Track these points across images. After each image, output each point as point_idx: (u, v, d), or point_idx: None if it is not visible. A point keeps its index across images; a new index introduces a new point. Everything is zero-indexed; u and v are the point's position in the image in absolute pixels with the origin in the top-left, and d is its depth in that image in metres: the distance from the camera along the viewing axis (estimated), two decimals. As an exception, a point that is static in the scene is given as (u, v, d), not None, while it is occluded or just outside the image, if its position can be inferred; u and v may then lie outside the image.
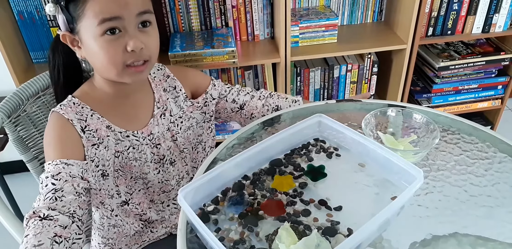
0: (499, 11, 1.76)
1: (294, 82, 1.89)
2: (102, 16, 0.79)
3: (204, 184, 0.80)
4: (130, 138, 0.96)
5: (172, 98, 1.05)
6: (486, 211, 0.81)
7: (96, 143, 0.91)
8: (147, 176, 1.01)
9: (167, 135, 1.02)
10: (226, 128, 1.83)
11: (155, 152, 1.01)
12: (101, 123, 0.92)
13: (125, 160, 0.96)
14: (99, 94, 0.94)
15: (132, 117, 0.98)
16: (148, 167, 1.00)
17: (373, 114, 0.96)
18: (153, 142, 1.00)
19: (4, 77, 1.62)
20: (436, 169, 0.91)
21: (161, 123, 1.01)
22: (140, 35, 0.84)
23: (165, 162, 1.03)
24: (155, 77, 1.04)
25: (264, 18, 1.80)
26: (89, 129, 0.90)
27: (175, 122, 1.04)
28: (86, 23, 0.81)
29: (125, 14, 0.81)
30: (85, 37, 0.83)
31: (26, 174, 1.14)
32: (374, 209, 0.78)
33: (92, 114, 0.92)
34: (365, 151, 0.89)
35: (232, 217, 0.78)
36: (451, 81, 1.90)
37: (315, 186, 0.85)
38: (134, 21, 0.83)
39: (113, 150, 0.94)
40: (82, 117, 0.90)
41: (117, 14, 0.80)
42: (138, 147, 0.97)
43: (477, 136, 1.00)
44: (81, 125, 0.89)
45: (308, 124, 0.95)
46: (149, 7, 0.85)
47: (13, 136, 1.06)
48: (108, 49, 0.82)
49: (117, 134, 0.94)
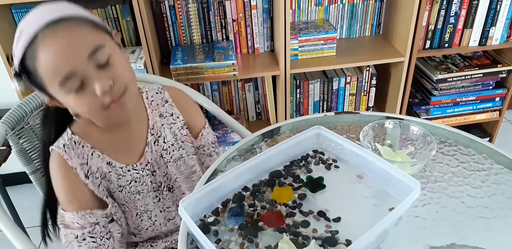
0: (496, 24, 1.79)
1: (293, 95, 1.91)
2: (56, 78, 0.76)
3: (204, 195, 0.81)
4: (131, 172, 0.96)
5: (168, 124, 1.01)
6: (483, 222, 0.82)
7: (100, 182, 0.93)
8: (148, 207, 1.00)
9: (160, 161, 1.01)
10: (227, 140, 1.84)
11: (152, 179, 1.00)
12: (102, 161, 0.92)
13: (128, 194, 0.97)
14: (95, 128, 0.91)
15: (128, 149, 0.96)
16: (149, 196, 1.00)
17: (371, 126, 0.98)
18: (149, 169, 0.99)
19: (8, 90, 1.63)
20: (434, 181, 0.92)
21: (155, 150, 0.99)
22: (103, 73, 0.78)
23: (163, 188, 1.02)
24: (153, 102, 1.00)
25: (264, 31, 1.83)
26: (91, 171, 0.91)
27: (168, 149, 1.01)
28: (50, 88, 0.79)
29: (76, 64, 0.75)
30: (59, 98, 0.81)
31: (28, 185, 1.15)
32: (372, 220, 0.79)
33: (93, 153, 0.91)
34: (363, 162, 0.90)
35: (232, 228, 0.79)
36: (449, 94, 1.92)
37: (314, 197, 0.86)
38: (89, 65, 0.77)
39: (116, 184, 0.95)
40: (84, 161, 0.90)
41: (69, 69, 0.75)
42: (140, 179, 0.98)
43: (474, 147, 1.01)
44: (84, 171, 0.89)
45: (307, 136, 0.96)
46: (96, 43, 0.78)
47: (16, 148, 1.08)
48: (81, 103, 0.79)
49: (118, 170, 0.95)
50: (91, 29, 0.79)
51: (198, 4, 1.73)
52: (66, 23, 0.76)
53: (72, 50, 0.75)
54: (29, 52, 0.75)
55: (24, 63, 0.77)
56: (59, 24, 0.75)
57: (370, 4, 1.88)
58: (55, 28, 0.75)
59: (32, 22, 0.75)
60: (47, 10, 0.77)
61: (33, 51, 0.74)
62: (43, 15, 0.75)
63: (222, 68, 1.66)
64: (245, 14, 1.77)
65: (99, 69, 0.78)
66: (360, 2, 1.87)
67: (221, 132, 1.85)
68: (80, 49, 0.76)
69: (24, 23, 0.77)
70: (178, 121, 1.03)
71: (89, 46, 0.76)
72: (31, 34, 0.74)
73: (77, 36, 0.76)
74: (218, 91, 1.94)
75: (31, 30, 0.74)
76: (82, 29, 0.77)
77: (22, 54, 0.75)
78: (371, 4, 1.88)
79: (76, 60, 0.75)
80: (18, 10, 1.60)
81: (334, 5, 1.87)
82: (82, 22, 0.78)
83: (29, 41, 0.74)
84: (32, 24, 0.75)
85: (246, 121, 1.98)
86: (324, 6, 1.87)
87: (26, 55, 0.75)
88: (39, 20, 0.75)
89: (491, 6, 1.75)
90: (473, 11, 1.75)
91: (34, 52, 0.74)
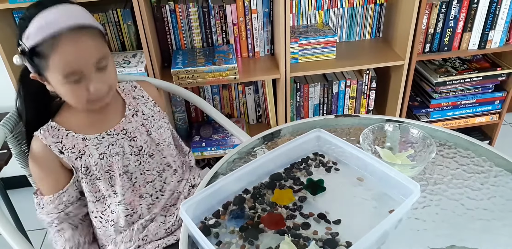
0: (495, 27, 1.79)
1: (294, 98, 1.91)
2: (64, 71, 0.91)
3: (205, 197, 0.82)
4: (106, 138, 1.07)
5: (142, 103, 1.16)
6: (483, 224, 0.83)
7: (78, 156, 1.04)
8: (128, 169, 1.09)
9: (142, 129, 1.12)
10: (227, 143, 1.84)
11: (133, 144, 1.10)
12: (76, 139, 1.05)
13: (109, 157, 1.07)
14: (76, 115, 1.06)
15: (103, 120, 1.09)
16: (128, 159, 1.09)
17: (371, 129, 0.98)
18: (129, 136, 1.10)
19: (8, 94, 1.64)
20: (433, 183, 0.93)
21: (134, 120, 1.12)
22: (99, 76, 0.95)
23: (144, 153, 1.12)
24: (124, 89, 1.16)
25: (264, 35, 1.83)
26: (66, 147, 1.03)
27: (148, 119, 1.14)
28: (51, 74, 0.92)
29: (83, 67, 0.92)
30: (53, 82, 0.95)
31: (29, 189, 1.16)
32: (372, 223, 0.79)
33: (67, 134, 1.04)
34: (363, 165, 0.91)
35: (233, 230, 0.80)
36: (449, 97, 1.93)
37: (314, 200, 0.87)
38: (92, 68, 0.93)
39: (96, 154, 1.05)
40: (58, 140, 1.03)
41: (77, 69, 0.91)
42: (116, 142, 1.08)
43: (473, 150, 1.02)
44: (58, 147, 1.02)
45: (308, 139, 0.97)
46: (103, 52, 0.95)
47: (15, 150, 1.09)
48: (73, 93, 0.96)
49: (94, 140, 1.06)
50: (102, 41, 0.97)
51: (199, 8, 1.74)
52: (88, 31, 0.93)
53: (87, 55, 0.92)
54: (48, 42, 0.88)
55: (37, 47, 0.89)
56: (83, 31, 0.92)
57: (369, 8, 1.89)
58: (80, 33, 0.91)
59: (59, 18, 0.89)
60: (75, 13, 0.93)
61: (54, 43, 0.88)
62: (71, 17, 0.91)
63: (222, 71, 1.67)
64: (246, 18, 1.78)
65: (97, 71, 0.95)
66: (360, 6, 1.88)
67: (221, 135, 1.86)
68: (92, 56, 0.93)
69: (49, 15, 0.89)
70: (150, 101, 1.18)
71: (98, 55, 0.94)
72: (56, 29, 0.88)
73: (93, 45, 0.94)
74: (219, 94, 1.94)
75: (57, 26, 0.88)
76: (97, 40, 0.95)
77: (40, 41, 0.88)
78: (371, 8, 1.89)
79: (86, 64, 0.93)
80: (20, 15, 1.61)
81: (334, 9, 1.88)
82: (99, 34, 0.96)
83: (53, 35, 0.88)
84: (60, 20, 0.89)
85: (247, 125, 1.98)
86: (324, 10, 1.88)
87: (43, 43, 0.88)
88: (68, 19, 0.90)
89: (490, 9, 1.75)
90: (472, 15, 1.76)
91: (54, 44, 0.88)
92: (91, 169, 1.05)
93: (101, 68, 0.95)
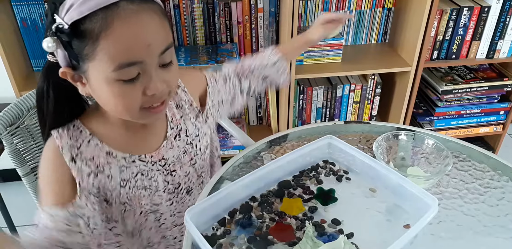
0: (504, 37, 1.77)
1: (296, 100, 1.87)
2: (119, 61, 0.66)
3: (211, 205, 0.77)
4: (137, 163, 0.83)
5: (187, 115, 0.91)
6: (501, 242, 0.79)
7: (93, 171, 0.79)
8: (158, 208, 0.88)
9: (184, 159, 0.90)
10: (227, 144, 1.80)
11: (170, 180, 0.88)
12: (100, 150, 0.80)
13: (133, 189, 0.83)
14: (107, 123, 0.81)
15: (140, 140, 0.85)
16: (160, 197, 0.88)
17: (384, 137, 0.94)
18: (167, 169, 0.87)
19: (4, 84, 1.58)
20: (448, 197, 0.89)
21: (176, 146, 0.89)
22: (161, 73, 0.71)
23: (180, 191, 0.91)
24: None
25: (269, 35, 1.79)
26: (81, 156, 0.78)
27: (193, 142, 0.91)
28: (97, 65, 0.67)
29: (146, 57, 0.68)
30: (95, 79, 0.70)
31: (20, 183, 1.10)
32: (386, 237, 0.75)
33: (90, 140, 0.79)
34: (376, 175, 0.87)
35: (240, 241, 0.75)
36: (454, 105, 1.90)
37: (325, 211, 0.82)
38: (155, 62, 0.70)
39: (118, 178, 0.81)
40: (75, 143, 0.78)
41: (137, 59, 0.67)
42: (148, 173, 0.85)
43: (487, 163, 0.98)
44: (72, 152, 0.77)
45: (318, 145, 0.92)
46: (170, 41, 0.72)
47: (10, 148, 1.03)
48: (124, 95, 0.70)
49: (120, 160, 0.82)
50: (168, 25, 0.72)
51: (203, 4, 1.69)
52: (152, 6, 0.68)
53: (152, 40, 0.67)
54: (99, 17, 0.64)
55: (82, 23, 0.64)
56: (146, 4, 0.67)
57: (377, 12, 1.85)
58: (142, 6, 0.66)
59: None
60: None
61: (107, 19, 0.63)
62: None
63: (225, 70, 1.62)
64: (251, 17, 1.74)
65: (159, 68, 0.71)
66: (368, 9, 1.84)
67: (221, 136, 1.81)
68: (158, 43, 0.69)
69: None
70: (194, 108, 0.93)
71: (165, 42, 0.70)
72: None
73: (161, 26, 0.69)
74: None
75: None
76: (163, 20, 0.70)
77: (85, 14, 0.64)
78: (379, 11, 1.85)
79: (151, 53, 0.68)
80: (18, 3, 1.55)
81: (341, 11, 1.84)
82: (163, 12, 0.71)
83: (106, 5, 0.64)
84: None
85: (247, 126, 1.94)
86: (331, 12, 1.84)
87: (92, 18, 0.64)
88: None
89: (500, 19, 1.72)
90: (482, 23, 1.73)
91: (108, 20, 0.63)
92: (102, 191, 0.81)
93: (165, 64, 0.71)
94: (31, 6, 1.57)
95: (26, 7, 1.57)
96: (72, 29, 0.64)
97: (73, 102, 0.80)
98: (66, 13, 0.65)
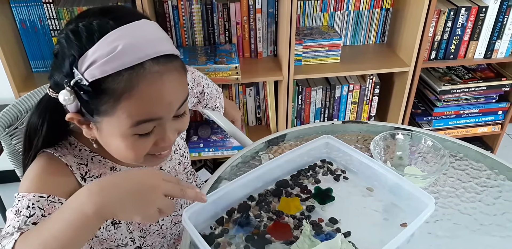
0: (502, 37, 1.77)
1: (295, 101, 1.87)
2: (138, 118, 0.65)
3: (209, 204, 0.78)
4: None
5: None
6: (497, 241, 0.79)
7: None
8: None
9: (179, 168, 0.95)
10: (226, 144, 1.80)
11: None
12: (104, 166, 0.79)
13: None
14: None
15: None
16: None
17: (382, 137, 0.95)
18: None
19: (3, 85, 1.59)
20: (445, 196, 0.89)
21: (174, 158, 0.93)
22: (174, 124, 0.71)
23: None
24: None
25: (268, 36, 1.79)
26: (90, 174, 0.77)
27: (184, 154, 0.97)
28: (113, 120, 0.66)
29: (165, 114, 0.68)
30: (108, 131, 0.68)
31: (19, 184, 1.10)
32: (383, 236, 0.76)
33: (93, 157, 0.78)
34: (373, 174, 0.87)
35: (238, 240, 0.76)
36: (452, 105, 1.90)
37: (322, 210, 0.83)
38: (172, 115, 0.70)
39: None
40: (82, 162, 0.77)
41: (157, 116, 0.67)
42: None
43: (484, 162, 0.98)
44: (81, 172, 0.76)
45: (316, 145, 0.93)
46: (187, 93, 0.71)
47: (8, 149, 1.03)
48: (137, 147, 0.69)
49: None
50: (186, 77, 0.71)
51: (202, 5, 1.69)
52: (174, 63, 0.67)
53: (174, 99, 0.67)
54: (123, 77, 0.62)
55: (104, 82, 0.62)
56: (170, 62, 0.66)
57: (375, 12, 1.85)
58: (167, 66, 0.65)
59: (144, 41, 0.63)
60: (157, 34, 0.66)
61: (132, 80, 0.62)
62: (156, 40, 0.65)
63: (224, 71, 1.63)
64: (250, 18, 1.74)
65: (173, 119, 0.71)
66: (366, 10, 1.84)
67: (220, 136, 1.81)
68: (178, 100, 0.69)
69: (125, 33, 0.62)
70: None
71: (183, 97, 0.70)
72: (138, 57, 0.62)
73: (182, 83, 0.69)
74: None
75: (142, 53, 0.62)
76: (183, 75, 0.70)
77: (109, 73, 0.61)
78: (377, 12, 1.85)
79: (170, 110, 0.68)
80: (17, 5, 1.56)
81: (339, 12, 1.84)
82: (183, 67, 0.70)
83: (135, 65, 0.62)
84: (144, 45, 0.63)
85: (246, 126, 1.94)
86: (330, 13, 1.84)
87: (115, 77, 0.62)
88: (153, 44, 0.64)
89: (498, 19, 1.73)
90: (480, 23, 1.74)
91: (133, 82, 0.62)
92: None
93: (179, 115, 0.71)
94: (30, 7, 1.57)
95: (25, 9, 1.57)
96: (92, 86, 0.62)
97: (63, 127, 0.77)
98: (87, 69, 0.62)
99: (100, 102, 0.64)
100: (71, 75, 0.63)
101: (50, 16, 1.59)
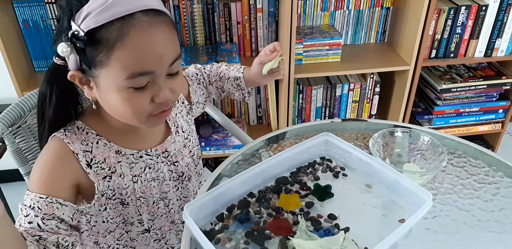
0: (502, 36, 1.78)
1: (296, 100, 1.88)
2: (132, 70, 0.69)
3: (209, 200, 0.79)
4: (144, 158, 0.87)
5: (179, 113, 0.98)
6: (495, 236, 0.80)
7: (108, 174, 0.83)
8: (167, 195, 0.93)
9: (185, 151, 0.96)
10: (227, 143, 1.81)
11: (173, 169, 0.92)
12: (109, 150, 0.83)
13: (144, 183, 0.87)
14: (108, 121, 0.83)
15: (143, 136, 0.89)
16: (168, 185, 0.92)
17: (381, 134, 0.96)
18: (170, 160, 0.92)
19: (6, 85, 1.60)
20: (443, 192, 0.90)
21: (177, 140, 0.94)
22: (169, 83, 0.75)
23: (184, 178, 0.95)
24: None
25: (268, 35, 1.80)
26: (96, 161, 0.81)
27: (189, 137, 0.98)
28: (109, 72, 0.70)
29: (157, 67, 0.71)
30: (105, 85, 0.73)
31: (22, 183, 1.11)
32: (381, 232, 0.76)
33: (98, 141, 0.82)
34: (372, 171, 0.88)
35: (238, 235, 0.77)
36: (453, 104, 1.91)
37: (322, 206, 0.84)
38: (165, 72, 0.74)
39: (130, 175, 0.85)
40: (87, 148, 0.81)
41: (149, 69, 0.71)
42: (154, 166, 0.89)
43: (483, 159, 0.99)
44: (86, 159, 0.80)
45: (315, 142, 0.94)
46: (179, 51, 0.75)
47: (12, 148, 1.04)
48: (133, 102, 0.73)
49: (129, 157, 0.85)
50: (177, 36, 0.75)
51: (203, 5, 1.70)
52: (164, 19, 0.72)
53: (164, 52, 0.71)
54: (115, 26, 0.67)
55: (98, 31, 0.67)
56: (160, 17, 0.71)
57: (376, 11, 1.86)
58: (155, 19, 0.70)
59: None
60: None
61: (124, 29, 0.67)
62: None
63: (225, 70, 1.64)
64: (250, 17, 1.75)
65: (167, 77, 0.75)
66: (366, 9, 1.85)
67: (221, 135, 1.83)
68: (170, 54, 0.72)
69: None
70: (184, 107, 1.00)
71: (175, 54, 0.74)
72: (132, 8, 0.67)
73: (172, 38, 0.73)
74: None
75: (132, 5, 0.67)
76: (174, 32, 0.74)
77: (102, 23, 0.67)
78: (377, 11, 1.86)
79: (162, 64, 0.72)
80: (20, 5, 1.57)
81: (340, 11, 1.85)
82: (173, 25, 0.74)
83: (123, 15, 0.67)
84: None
85: (247, 125, 1.95)
86: (330, 12, 1.85)
87: (108, 27, 0.67)
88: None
89: (498, 17, 1.74)
90: (480, 22, 1.74)
91: (124, 30, 0.67)
92: (118, 192, 0.85)
93: (172, 74, 0.75)
94: (33, 7, 1.59)
95: (28, 9, 1.59)
96: (88, 36, 0.67)
97: (73, 105, 0.83)
98: (83, 21, 0.67)
99: (95, 52, 0.68)
100: (69, 29, 0.69)
101: (52, 16, 1.61)
